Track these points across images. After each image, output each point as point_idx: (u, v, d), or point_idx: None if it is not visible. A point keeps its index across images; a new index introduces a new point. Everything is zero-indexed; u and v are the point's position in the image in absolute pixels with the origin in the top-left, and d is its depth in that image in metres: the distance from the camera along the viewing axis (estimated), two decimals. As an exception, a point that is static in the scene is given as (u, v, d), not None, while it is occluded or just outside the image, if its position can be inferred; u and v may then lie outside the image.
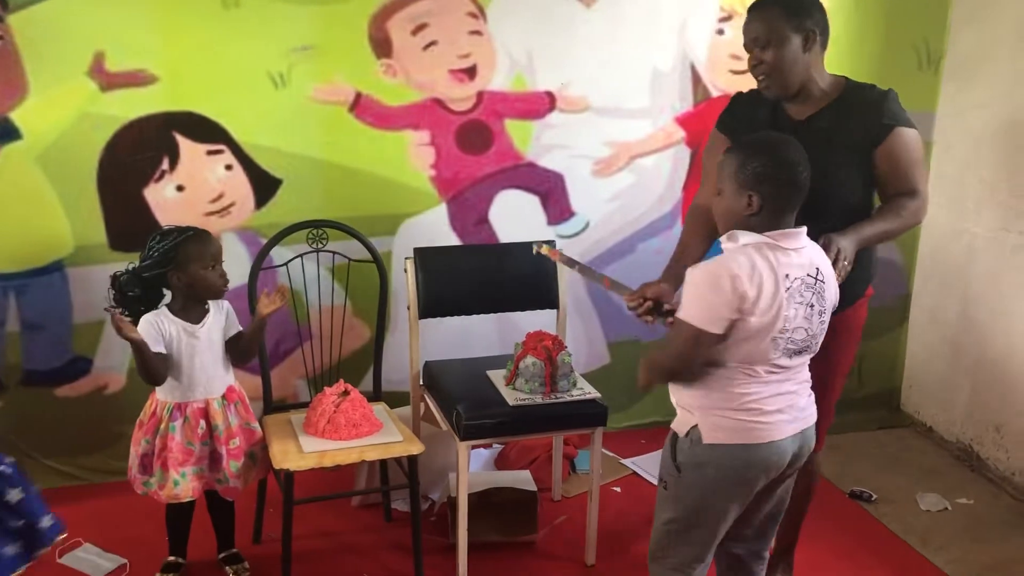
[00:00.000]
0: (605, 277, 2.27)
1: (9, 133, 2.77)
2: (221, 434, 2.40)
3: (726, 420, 1.89)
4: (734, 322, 1.81)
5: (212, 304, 2.43)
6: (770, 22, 2.14)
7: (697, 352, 1.85)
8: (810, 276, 1.87)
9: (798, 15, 2.15)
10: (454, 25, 3.05)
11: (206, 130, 2.93)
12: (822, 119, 2.20)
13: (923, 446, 3.56)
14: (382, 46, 3.01)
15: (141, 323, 2.34)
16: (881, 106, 2.17)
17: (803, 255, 1.88)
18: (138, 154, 2.89)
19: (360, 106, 3.03)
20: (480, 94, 3.13)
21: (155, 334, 2.33)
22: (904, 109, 2.21)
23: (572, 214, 3.33)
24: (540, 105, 3.20)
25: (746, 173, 1.86)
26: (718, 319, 1.81)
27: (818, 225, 1.99)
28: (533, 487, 2.81)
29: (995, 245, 3.27)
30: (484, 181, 3.21)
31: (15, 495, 2.09)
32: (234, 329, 2.46)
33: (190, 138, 2.92)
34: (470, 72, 3.10)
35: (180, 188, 2.95)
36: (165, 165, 2.92)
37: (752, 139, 1.96)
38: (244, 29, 2.87)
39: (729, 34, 3.27)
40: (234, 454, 2.42)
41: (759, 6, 2.19)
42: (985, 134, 3.31)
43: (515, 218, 3.26)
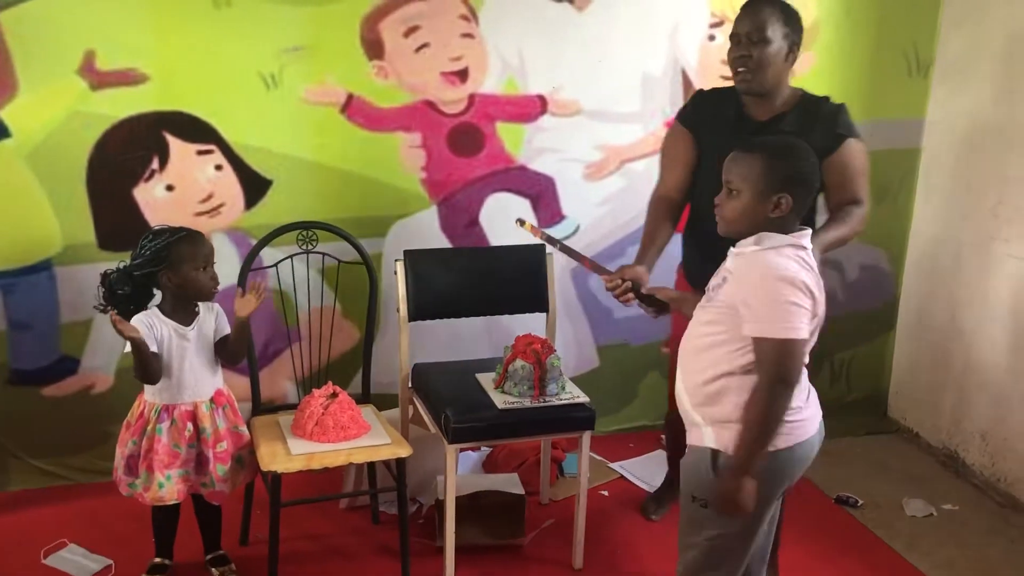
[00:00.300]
0: (585, 258, 2.36)
1: (-2, 131, 2.77)
2: (208, 437, 2.39)
3: None
4: None
5: (202, 306, 2.42)
6: (767, 22, 2.30)
7: (798, 364, 1.78)
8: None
9: (789, 25, 2.33)
10: (446, 27, 3.05)
11: (196, 130, 2.92)
12: (785, 123, 2.34)
13: (909, 452, 3.58)
14: (374, 48, 3.00)
15: (134, 322, 2.33)
16: (836, 117, 2.34)
17: (812, 254, 1.88)
18: (128, 153, 2.88)
19: (352, 107, 3.03)
20: (472, 97, 3.13)
21: (149, 333, 2.32)
22: (854, 123, 2.37)
23: (563, 217, 3.33)
24: (532, 108, 3.20)
25: (777, 175, 1.81)
26: (805, 323, 1.77)
27: None
28: (521, 490, 2.81)
29: (982, 253, 3.29)
30: (475, 184, 3.21)
31: None
32: (224, 331, 2.46)
33: (180, 138, 2.91)
34: (462, 75, 3.10)
35: (170, 188, 2.94)
36: (155, 164, 2.91)
37: (775, 142, 1.92)
38: (236, 29, 2.86)
39: (720, 39, 3.28)
40: (221, 458, 2.41)
41: (759, 4, 2.33)
42: (974, 141, 3.33)
43: (506, 221, 3.26)
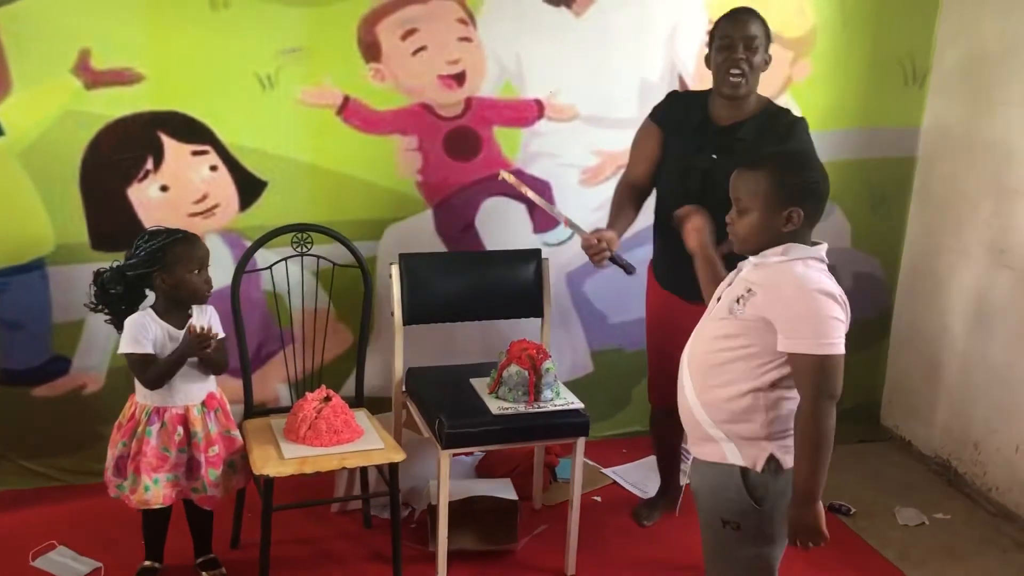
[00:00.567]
0: (566, 217, 2.60)
1: (-9, 130, 2.75)
2: (200, 441, 2.37)
3: None
4: None
5: (196, 309, 2.41)
6: (761, 31, 2.48)
7: (840, 379, 1.74)
8: None
9: (768, 36, 2.51)
10: (444, 31, 3.04)
11: (191, 130, 2.90)
12: (743, 130, 2.49)
13: (902, 461, 3.58)
14: (371, 50, 2.99)
15: (129, 322, 2.32)
16: (791, 130, 2.47)
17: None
18: (122, 153, 2.86)
19: (348, 110, 3.01)
20: (469, 100, 3.12)
21: (144, 335, 2.30)
22: (811, 138, 2.50)
23: (558, 222, 3.31)
24: (529, 113, 3.20)
25: (786, 189, 1.79)
26: (843, 338, 1.73)
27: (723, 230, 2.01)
28: (514, 496, 2.80)
29: (976, 262, 3.29)
30: (471, 188, 3.20)
31: None
32: (218, 335, 2.42)
33: (175, 138, 2.90)
34: (459, 78, 3.10)
35: (164, 188, 2.92)
36: (149, 165, 2.89)
37: (781, 155, 1.88)
38: (232, 30, 2.85)
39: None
40: (213, 462, 2.40)
41: (749, 12, 2.49)
42: (968, 151, 3.33)
43: (501, 225, 3.26)
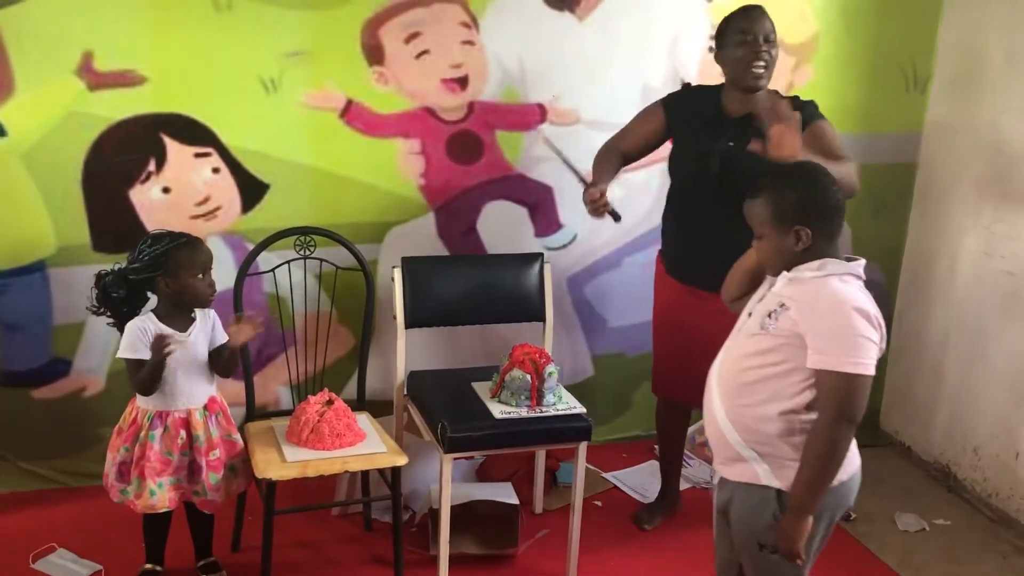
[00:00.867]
0: (576, 170, 2.64)
1: (-6, 131, 2.74)
2: (201, 445, 2.37)
3: None
4: None
5: (198, 313, 2.41)
6: (773, 25, 2.54)
7: (864, 401, 1.72)
8: None
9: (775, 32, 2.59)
10: (447, 34, 3.04)
11: (194, 133, 2.90)
12: (758, 119, 2.47)
13: (902, 466, 3.58)
14: (374, 53, 2.99)
15: (129, 327, 2.31)
16: (803, 107, 2.50)
17: None
18: (124, 155, 2.86)
19: (351, 113, 3.01)
20: (471, 104, 3.12)
21: (143, 340, 2.30)
22: (823, 116, 2.56)
23: (560, 226, 3.32)
24: (531, 117, 3.20)
25: (786, 211, 1.79)
26: (874, 359, 1.71)
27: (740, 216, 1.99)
28: (515, 500, 2.80)
29: (977, 268, 3.30)
30: (473, 191, 3.20)
31: None
32: (220, 339, 2.43)
33: (178, 140, 2.89)
34: (462, 82, 3.10)
35: (166, 190, 2.92)
36: (151, 167, 2.89)
37: (776, 178, 1.86)
38: (236, 32, 2.84)
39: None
40: (214, 466, 2.39)
41: (761, 8, 2.55)
42: (970, 157, 3.34)
43: (503, 229, 3.26)
